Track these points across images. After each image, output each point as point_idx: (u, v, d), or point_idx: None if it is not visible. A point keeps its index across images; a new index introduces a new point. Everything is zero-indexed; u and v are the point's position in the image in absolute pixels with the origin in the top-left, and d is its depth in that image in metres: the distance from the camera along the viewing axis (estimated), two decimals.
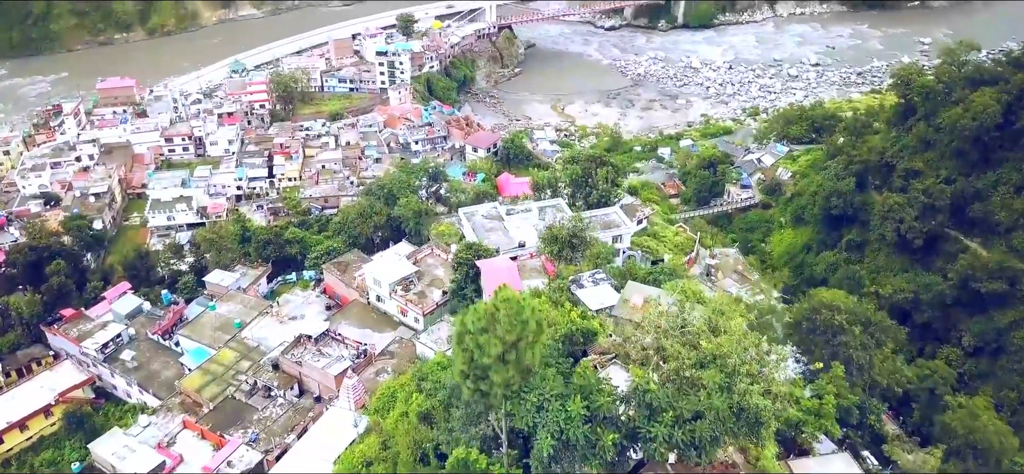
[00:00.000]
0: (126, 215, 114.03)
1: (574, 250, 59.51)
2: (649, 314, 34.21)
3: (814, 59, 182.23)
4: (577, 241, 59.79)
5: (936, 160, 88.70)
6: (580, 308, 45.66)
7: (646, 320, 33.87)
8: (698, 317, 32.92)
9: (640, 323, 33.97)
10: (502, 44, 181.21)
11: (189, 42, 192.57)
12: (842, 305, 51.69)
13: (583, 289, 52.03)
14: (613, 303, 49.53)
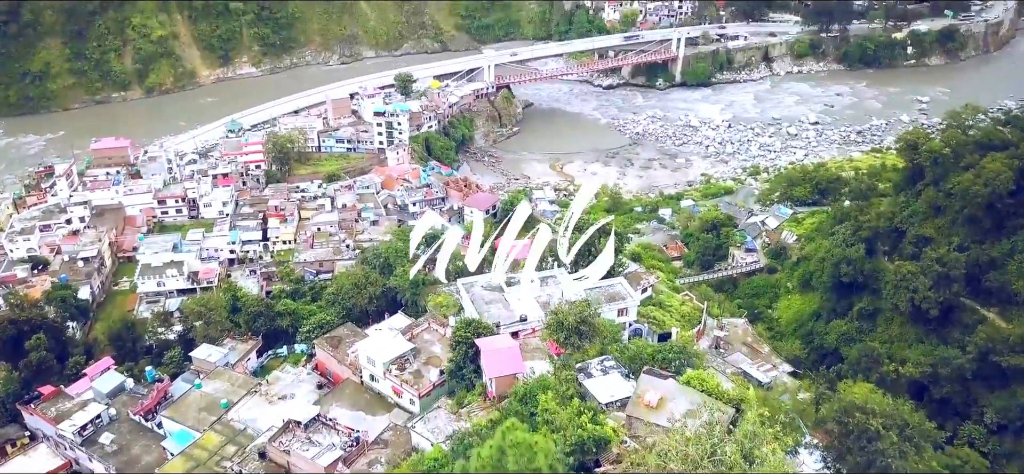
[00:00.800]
0: (115, 280, 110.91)
1: (582, 337, 56.50)
2: (674, 440, 30.94)
3: (813, 118, 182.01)
4: (585, 328, 56.83)
5: (947, 226, 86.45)
6: (589, 401, 42.54)
7: (672, 449, 30.61)
8: (731, 449, 29.72)
9: (665, 451, 30.70)
10: (500, 103, 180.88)
11: (186, 101, 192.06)
12: (877, 408, 48.58)
13: (591, 378, 48.92)
14: (625, 396, 46.38)
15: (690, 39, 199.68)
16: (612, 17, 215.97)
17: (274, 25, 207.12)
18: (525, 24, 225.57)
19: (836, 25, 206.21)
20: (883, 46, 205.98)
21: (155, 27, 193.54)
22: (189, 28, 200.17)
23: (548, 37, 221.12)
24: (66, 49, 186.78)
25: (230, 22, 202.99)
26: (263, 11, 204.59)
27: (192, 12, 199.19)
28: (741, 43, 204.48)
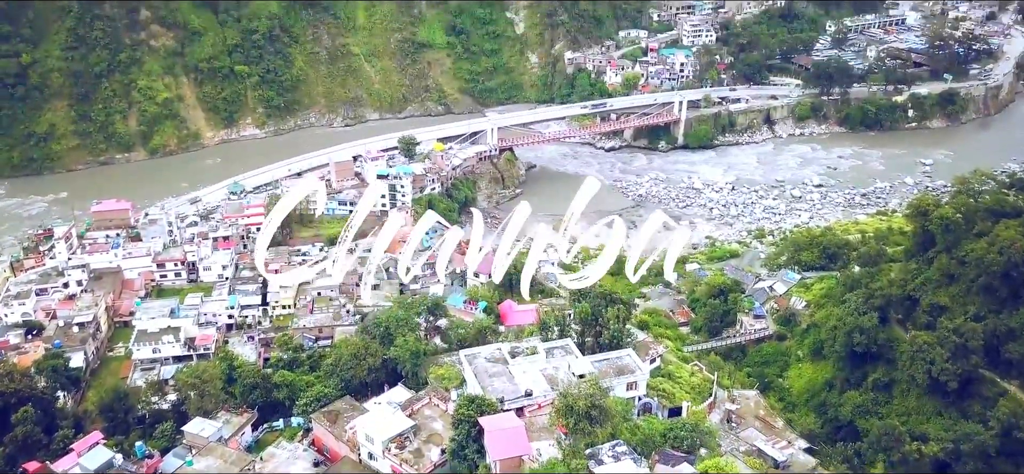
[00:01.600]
0: (111, 345, 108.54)
1: (593, 422, 54.07)
2: None
3: (817, 180, 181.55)
4: (596, 413, 54.45)
5: (962, 295, 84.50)
6: None
7: None
8: None
9: None
10: (503, 165, 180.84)
11: (190, 162, 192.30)
12: None
13: (602, 466, 46.43)
14: None
15: (692, 102, 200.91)
16: (614, 80, 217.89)
17: (278, 88, 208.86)
18: (528, 88, 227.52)
19: (837, 88, 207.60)
20: (884, 109, 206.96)
21: (160, 90, 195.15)
22: (194, 90, 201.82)
23: (550, 100, 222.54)
24: (72, 111, 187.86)
25: (235, 85, 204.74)
26: (268, 74, 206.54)
27: (198, 75, 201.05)
28: (743, 106, 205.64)
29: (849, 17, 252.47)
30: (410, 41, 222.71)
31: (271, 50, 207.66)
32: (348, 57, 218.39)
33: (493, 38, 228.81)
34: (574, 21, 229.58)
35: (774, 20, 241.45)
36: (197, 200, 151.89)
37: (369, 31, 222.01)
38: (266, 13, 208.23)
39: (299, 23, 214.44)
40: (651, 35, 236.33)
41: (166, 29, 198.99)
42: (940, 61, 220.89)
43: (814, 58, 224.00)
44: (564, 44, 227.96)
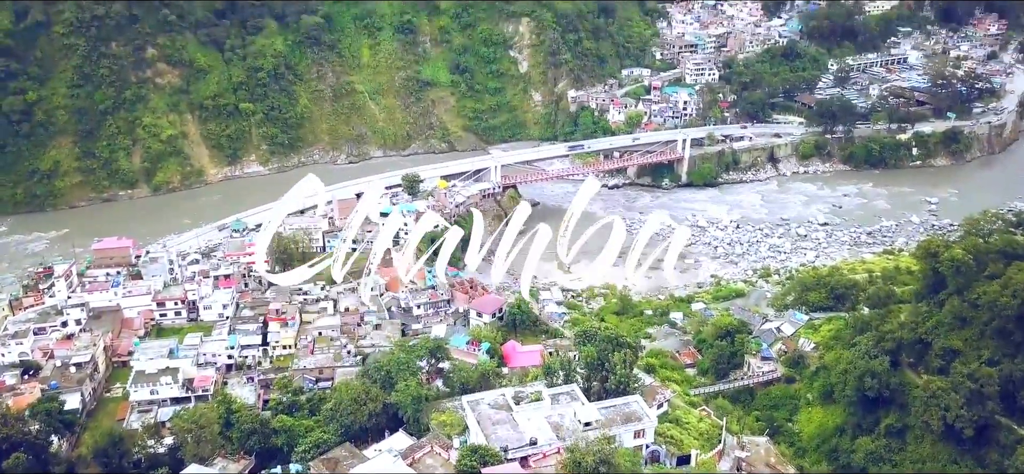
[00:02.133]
0: (109, 386, 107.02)
1: None
2: None
3: (822, 218, 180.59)
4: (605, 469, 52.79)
5: (975, 339, 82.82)
6: None
7: None
8: None
9: None
10: (507, 203, 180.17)
11: (193, 199, 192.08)
12: None
13: None
14: None
15: (695, 140, 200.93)
16: (617, 118, 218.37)
17: (283, 125, 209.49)
18: (531, 125, 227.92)
19: (840, 127, 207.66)
20: (888, 147, 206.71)
21: (165, 127, 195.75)
22: (198, 127, 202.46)
23: (554, 138, 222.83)
24: (76, 148, 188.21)
25: (239, 122, 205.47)
26: (272, 111, 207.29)
27: (202, 112, 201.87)
28: (746, 144, 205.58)
29: (851, 56, 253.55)
30: (414, 79, 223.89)
31: (276, 88, 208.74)
32: (352, 95, 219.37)
33: (497, 77, 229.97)
34: (577, 60, 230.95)
35: (776, 59, 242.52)
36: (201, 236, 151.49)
37: (373, 69, 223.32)
38: (271, 51, 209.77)
39: (304, 61, 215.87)
40: (654, 73, 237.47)
41: (172, 67, 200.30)
42: (943, 100, 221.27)
43: (817, 96, 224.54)
44: (567, 83, 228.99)
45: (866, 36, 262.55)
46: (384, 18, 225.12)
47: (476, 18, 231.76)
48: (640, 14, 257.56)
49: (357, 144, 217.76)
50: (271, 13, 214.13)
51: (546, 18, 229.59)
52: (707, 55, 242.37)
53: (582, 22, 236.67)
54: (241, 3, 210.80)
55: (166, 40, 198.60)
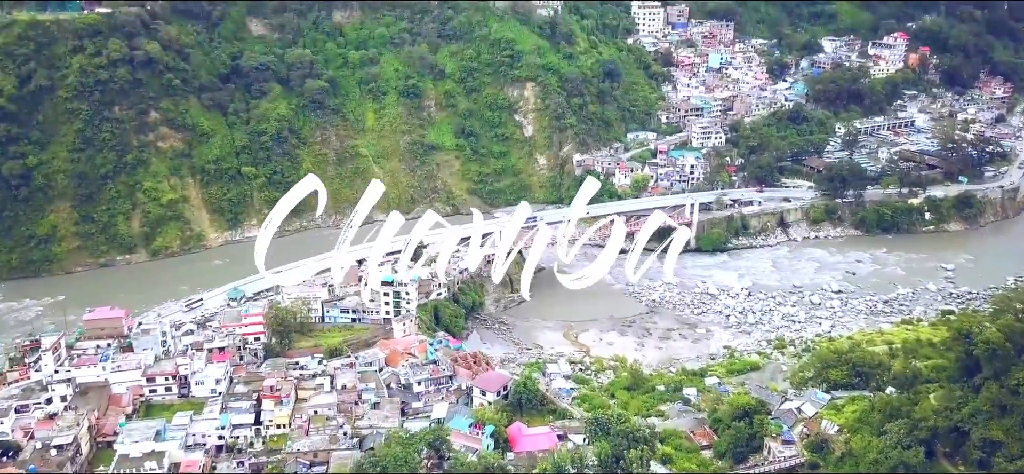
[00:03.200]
0: (92, 468, 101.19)
1: None
2: None
3: (836, 286, 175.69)
4: None
5: (1017, 428, 77.34)
6: None
7: None
8: None
9: None
10: (511, 269, 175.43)
11: (192, 264, 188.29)
12: None
13: None
14: None
15: (703, 204, 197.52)
16: (623, 182, 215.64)
17: (285, 188, 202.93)
18: (536, 189, 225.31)
19: (851, 191, 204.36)
20: (900, 212, 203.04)
21: (166, 191, 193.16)
22: (200, 192, 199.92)
23: (559, 201, 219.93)
24: (75, 212, 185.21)
25: (241, 186, 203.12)
26: (274, 175, 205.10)
27: (204, 176, 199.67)
28: (755, 209, 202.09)
29: (858, 119, 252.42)
30: (419, 143, 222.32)
31: (279, 152, 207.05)
32: (356, 158, 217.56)
33: (502, 140, 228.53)
34: (582, 124, 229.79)
35: (783, 122, 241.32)
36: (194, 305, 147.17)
37: (378, 133, 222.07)
38: (275, 115, 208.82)
39: (308, 125, 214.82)
40: (660, 137, 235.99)
41: (175, 131, 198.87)
42: (954, 163, 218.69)
43: (826, 160, 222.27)
44: (572, 146, 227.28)
45: (872, 100, 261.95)
46: (389, 83, 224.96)
47: (481, 82, 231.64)
48: (645, 78, 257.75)
49: None
50: (276, 77, 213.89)
51: (551, 83, 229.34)
52: (713, 119, 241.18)
53: (587, 86, 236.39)
54: (246, 67, 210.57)
55: (169, 104, 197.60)
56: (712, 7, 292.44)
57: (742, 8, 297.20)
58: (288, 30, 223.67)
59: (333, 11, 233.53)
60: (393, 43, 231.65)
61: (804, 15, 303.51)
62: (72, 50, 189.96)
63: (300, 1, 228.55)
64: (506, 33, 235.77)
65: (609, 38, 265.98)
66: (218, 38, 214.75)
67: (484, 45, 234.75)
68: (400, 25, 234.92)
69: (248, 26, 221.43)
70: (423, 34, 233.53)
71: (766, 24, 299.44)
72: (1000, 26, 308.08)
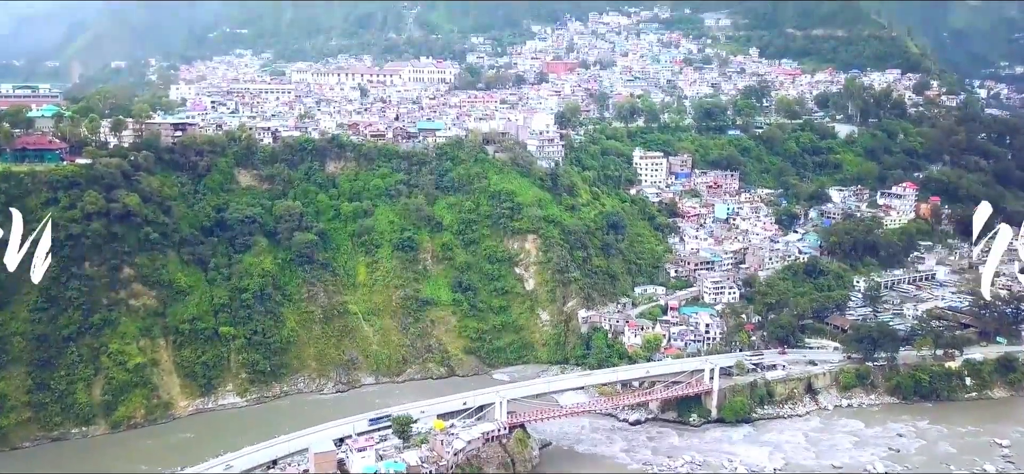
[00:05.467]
0: None
1: None
2: None
3: (881, 466, 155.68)
4: None
5: None
6: None
7: None
8: None
9: None
10: (513, 447, 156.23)
11: (156, 437, 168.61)
12: None
13: None
14: None
15: (723, 369, 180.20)
16: (633, 342, 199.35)
17: (266, 350, 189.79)
18: (539, 347, 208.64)
19: (882, 353, 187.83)
20: (938, 377, 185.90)
21: (134, 354, 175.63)
22: (172, 354, 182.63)
23: (564, 361, 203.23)
24: (29, 379, 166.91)
25: (218, 347, 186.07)
26: (255, 336, 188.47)
27: (177, 337, 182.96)
28: (780, 373, 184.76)
29: (876, 272, 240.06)
30: (413, 298, 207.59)
31: (261, 310, 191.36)
32: (345, 316, 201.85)
33: (501, 295, 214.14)
34: (587, 278, 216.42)
35: (799, 276, 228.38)
36: None
37: (369, 288, 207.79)
38: (259, 270, 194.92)
39: (294, 281, 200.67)
40: (669, 292, 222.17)
41: (149, 288, 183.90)
42: (989, 322, 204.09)
43: (850, 318, 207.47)
44: (577, 301, 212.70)
45: (889, 251, 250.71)
46: (383, 235, 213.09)
47: (480, 235, 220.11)
48: (650, 230, 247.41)
49: (347, 370, 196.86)
50: (262, 230, 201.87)
51: (553, 235, 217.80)
52: (725, 272, 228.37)
53: (591, 238, 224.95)
54: (231, 220, 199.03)
55: (145, 259, 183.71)
56: (715, 157, 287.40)
57: (746, 158, 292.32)
58: (278, 181, 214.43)
59: (327, 162, 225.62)
60: (389, 194, 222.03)
61: (809, 165, 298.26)
62: (45, 203, 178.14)
63: (293, 153, 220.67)
64: (506, 184, 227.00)
65: (611, 189, 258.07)
66: (204, 189, 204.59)
67: (483, 196, 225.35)
68: (397, 176, 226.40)
69: (236, 177, 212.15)
70: (420, 185, 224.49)
71: (771, 174, 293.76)
72: (1008, 176, 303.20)
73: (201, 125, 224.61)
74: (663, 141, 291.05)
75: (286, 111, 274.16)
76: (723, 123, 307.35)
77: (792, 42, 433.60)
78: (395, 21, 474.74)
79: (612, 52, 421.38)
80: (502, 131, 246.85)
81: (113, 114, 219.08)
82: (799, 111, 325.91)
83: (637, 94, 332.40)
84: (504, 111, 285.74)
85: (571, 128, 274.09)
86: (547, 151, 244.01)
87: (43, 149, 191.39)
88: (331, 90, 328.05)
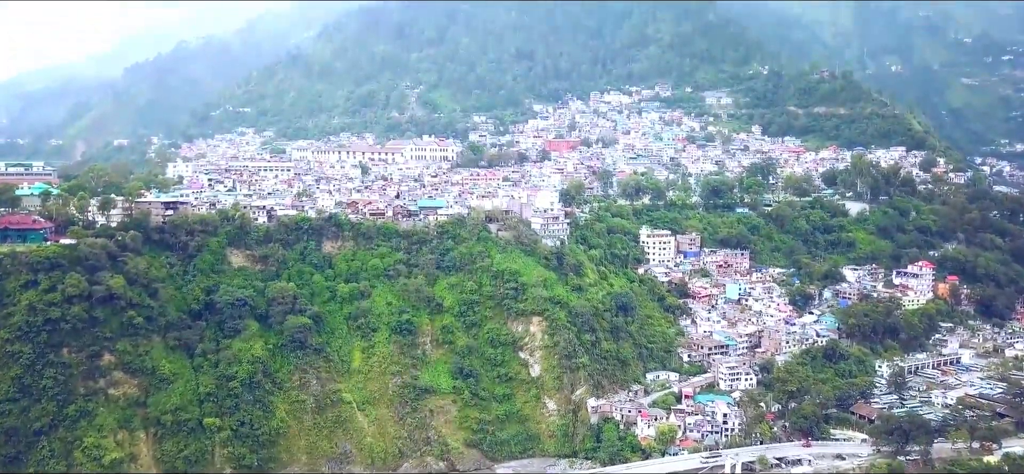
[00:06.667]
0: None
1: None
2: None
3: None
4: None
5: None
6: None
7: None
8: None
9: None
10: None
11: None
12: None
13: None
14: None
15: (746, 464, 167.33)
16: (646, 433, 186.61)
17: (253, 442, 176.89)
18: (546, 438, 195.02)
19: (914, 446, 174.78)
20: (977, 473, 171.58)
21: (110, 448, 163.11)
22: (152, 447, 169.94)
23: (573, 454, 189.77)
24: None
25: (202, 440, 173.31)
26: (242, 427, 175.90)
27: (159, 429, 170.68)
28: (807, 469, 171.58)
29: (898, 356, 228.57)
30: (411, 386, 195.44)
31: (249, 399, 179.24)
32: (338, 405, 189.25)
33: (505, 381, 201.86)
34: (596, 363, 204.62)
35: (817, 361, 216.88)
36: None
37: (365, 375, 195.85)
38: (248, 357, 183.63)
39: (285, 367, 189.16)
40: (683, 378, 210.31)
41: (130, 376, 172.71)
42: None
43: (876, 406, 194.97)
44: (586, 389, 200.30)
45: (910, 334, 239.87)
46: (380, 318, 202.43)
47: (483, 317, 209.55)
48: (660, 311, 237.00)
49: (339, 464, 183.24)
50: (253, 313, 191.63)
51: (559, 317, 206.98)
52: (741, 357, 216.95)
53: (599, 320, 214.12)
54: (220, 303, 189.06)
55: (127, 345, 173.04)
56: (724, 235, 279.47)
57: (755, 236, 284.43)
58: (272, 261, 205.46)
59: (324, 241, 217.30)
60: (387, 275, 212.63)
61: (820, 243, 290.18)
62: (24, 285, 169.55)
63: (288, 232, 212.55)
64: (510, 263, 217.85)
65: (619, 268, 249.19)
66: (194, 271, 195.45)
67: (486, 276, 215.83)
68: (396, 255, 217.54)
69: (229, 257, 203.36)
70: (420, 265, 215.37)
71: (781, 252, 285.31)
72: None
73: (194, 204, 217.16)
74: (670, 219, 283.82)
75: (284, 189, 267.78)
76: (730, 201, 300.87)
77: (794, 120, 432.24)
78: (398, 100, 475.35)
79: (614, 130, 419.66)
80: (505, 209, 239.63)
81: (106, 192, 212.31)
82: (807, 188, 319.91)
83: (641, 171, 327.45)
84: (507, 189, 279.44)
85: (576, 206, 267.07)
86: (552, 229, 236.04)
87: (27, 229, 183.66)
88: (331, 168, 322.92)
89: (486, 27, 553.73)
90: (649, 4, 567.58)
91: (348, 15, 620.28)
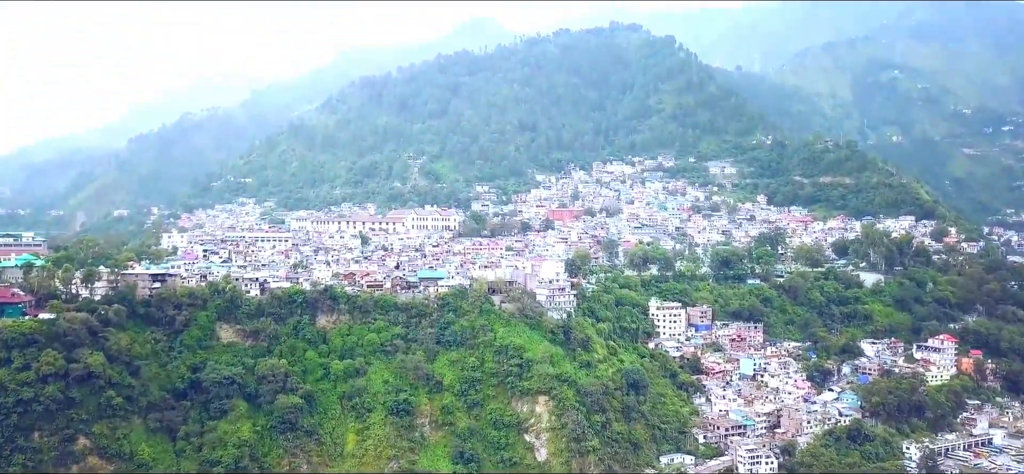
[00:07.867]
0: None
1: None
2: None
3: None
4: None
5: None
6: None
7: None
8: None
9: None
10: None
11: None
12: None
13: None
14: None
15: None
16: None
17: None
18: None
19: None
20: None
21: None
22: None
23: None
24: None
25: None
26: None
27: None
28: None
29: (927, 437, 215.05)
30: (409, 472, 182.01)
31: None
32: None
33: (509, 466, 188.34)
34: (607, 447, 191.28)
35: (842, 442, 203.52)
36: None
37: (359, 460, 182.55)
38: (235, 440, 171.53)
39: (274, 451, 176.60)
40: (700, 461, 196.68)
41: (106, 461, 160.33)
42: None
43: None
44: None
45: (935, 413, 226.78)
46: (376, 397, 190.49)
47: (485, 396, 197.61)
48: (673, 389, 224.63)
49: None
50: (242, 392, 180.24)
51: (567, 396, 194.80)
52: (760, 439, 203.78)
53: (609, 399, 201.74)
54: (207, 381, 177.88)
55: (104, 428, 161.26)
56: (736, 307, 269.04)
57: (768, 308, 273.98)
58: (263, 337, 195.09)
59: (318, 315, 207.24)
60: (384, 350, 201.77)
61: (836, 315, 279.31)
62: None
63: (281, 305, 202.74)
64: (514, 338, 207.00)
65: (628, 342, 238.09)
66: (180, 347, 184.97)
67: (489, 351, 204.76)
68: (394, 329, 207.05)
69: (218, 332, 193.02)
70: (419, 340, 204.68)
71: (796, 325, 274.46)
72: None
73: (184, 276, 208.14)
74: (679, 290, 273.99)
75: (281, 260, 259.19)
76: (741, 271, 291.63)
77: (800, 189, 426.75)
78: (400, 171, 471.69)
79: (617, 200, 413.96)
80: (509, 280, 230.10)
81: (94, 264, 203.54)
82: (819, 259, 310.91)
83: (646, 241, 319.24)
84: (510, 258, 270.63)
85: (582, 276, 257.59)
86: (557, 301, 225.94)
87: (4, 303, 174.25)
88: (331, 238, 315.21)
89: (488, 100, 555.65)
90: (651, 77, 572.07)
91: (352, 87, 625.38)
